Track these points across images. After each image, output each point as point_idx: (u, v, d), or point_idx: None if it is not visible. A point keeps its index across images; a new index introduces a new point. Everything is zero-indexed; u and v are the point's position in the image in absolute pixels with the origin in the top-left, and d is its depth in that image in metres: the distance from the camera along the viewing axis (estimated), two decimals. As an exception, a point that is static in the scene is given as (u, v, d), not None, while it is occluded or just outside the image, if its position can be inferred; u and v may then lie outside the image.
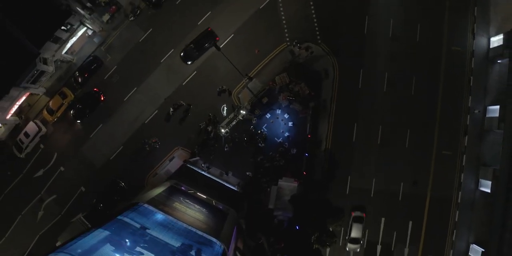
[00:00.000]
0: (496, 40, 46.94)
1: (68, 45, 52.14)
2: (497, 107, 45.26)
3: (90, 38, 53.23)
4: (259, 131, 48.54)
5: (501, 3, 47.48)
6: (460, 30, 47.97)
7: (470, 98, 47.09)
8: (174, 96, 50.51)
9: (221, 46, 46.84)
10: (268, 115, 48.60)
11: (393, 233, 48.20)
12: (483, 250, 45.11)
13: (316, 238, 44.57)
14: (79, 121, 52.63)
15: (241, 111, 47.94)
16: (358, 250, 46.96)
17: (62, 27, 48.68)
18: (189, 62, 50.27)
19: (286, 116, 48.37)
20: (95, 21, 52.07)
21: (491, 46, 47.39)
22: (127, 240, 31.97)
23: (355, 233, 46.47)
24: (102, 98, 51.93)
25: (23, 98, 52.97)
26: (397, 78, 47.94)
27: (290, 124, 48.29)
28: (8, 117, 53.28)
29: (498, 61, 46.46)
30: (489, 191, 45.70)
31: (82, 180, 51.99)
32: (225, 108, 49.63)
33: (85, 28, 52.08)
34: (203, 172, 48.31)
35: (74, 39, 52.24)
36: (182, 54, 50.30)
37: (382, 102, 48.15)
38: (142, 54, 51.32)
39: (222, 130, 48.40)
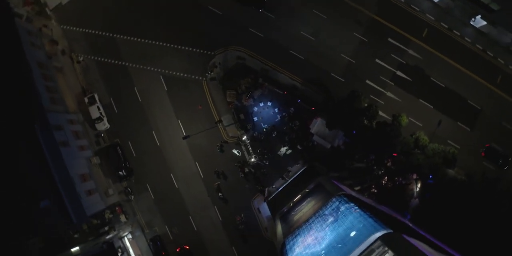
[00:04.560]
0: None
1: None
2: None
3: (134, 238, 58.38)
4: (263, 130, 54.74)
5: None
6: None
7: None
8: (208, 186, 56.51)
9: (185, 135, 53.98)
10: (255, 119, 54.92)
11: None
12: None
13: (366, 120, 49.78)
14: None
15: (243, 138, 54.36)
16: None
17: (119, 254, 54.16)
18: None
19: (261, 104, 54.91)
20: (122, 227, 58.20)
21: None
22: None
23: None
24: (187, 247, 56.43)
25: None
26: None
27: (269, 104, 54.72)
28: None
29: None
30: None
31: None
32: (236, 150, 55.53)
33: (125, 238, 57.77)
34: (279, 189, 53.61)
35: (131, 251, 57.49)
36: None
37: (284, 26, 56.06)
38: (164, 198, 57.42)
39: (252, 160, 54.52)
